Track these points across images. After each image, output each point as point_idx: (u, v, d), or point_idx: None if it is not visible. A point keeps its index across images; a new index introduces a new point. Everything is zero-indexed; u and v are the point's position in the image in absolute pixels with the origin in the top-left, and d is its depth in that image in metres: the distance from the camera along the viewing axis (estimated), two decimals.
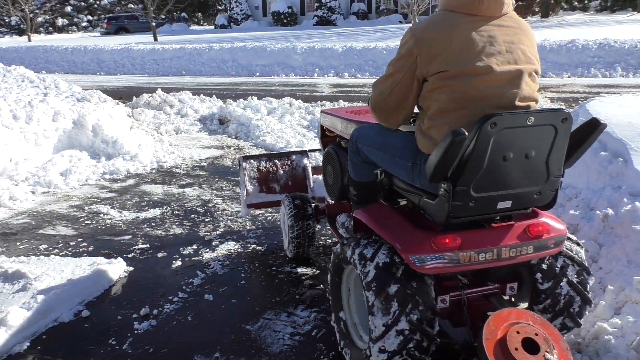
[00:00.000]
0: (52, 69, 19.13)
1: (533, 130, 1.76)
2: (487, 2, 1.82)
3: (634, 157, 3.40)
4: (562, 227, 2.06)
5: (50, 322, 2.63)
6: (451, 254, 1.88)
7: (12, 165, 5.11)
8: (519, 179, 1.86)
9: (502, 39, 1.83)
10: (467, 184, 1.79)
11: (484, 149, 1.72)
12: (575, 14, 38.31)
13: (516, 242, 1.96)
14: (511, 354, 1.76)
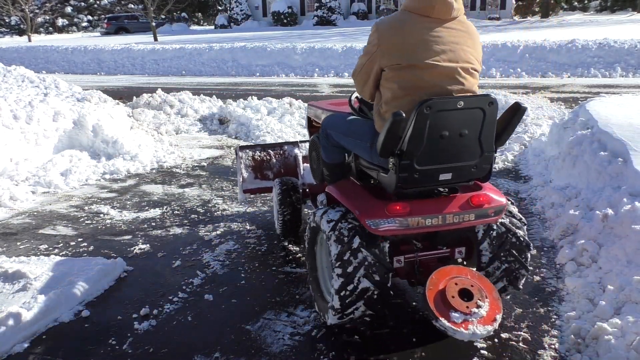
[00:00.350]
0: (52, 69, 19.13)
1: (464, 113, 2.11)
2: (439, 6, 2.13)
3: (634, 157, 3.40)
4: (502, 200, 2.39)
5: (50, 322, 2.63)
6: (401, 219, 2.22)
7: (12, 165, 5.11)
8: (456, 154, 2.19)
9: (448, 39, 2.16)
10: (411, 159, 2.13)
11: (422, 128, 2.07)
12: (575, 14, 38.31)
13: (459, 210, 2.30)
14: (448, 301, 2.13)
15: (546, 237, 3.50)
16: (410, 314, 2.64)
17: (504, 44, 14.32)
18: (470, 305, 2.15)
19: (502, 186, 4.63)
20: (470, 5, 32.80)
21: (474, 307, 2.14)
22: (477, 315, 2.12)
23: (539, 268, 3.08)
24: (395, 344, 2.40)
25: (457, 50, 2.17)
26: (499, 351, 2.32)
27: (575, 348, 2.27)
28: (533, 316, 2.58)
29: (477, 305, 2.14)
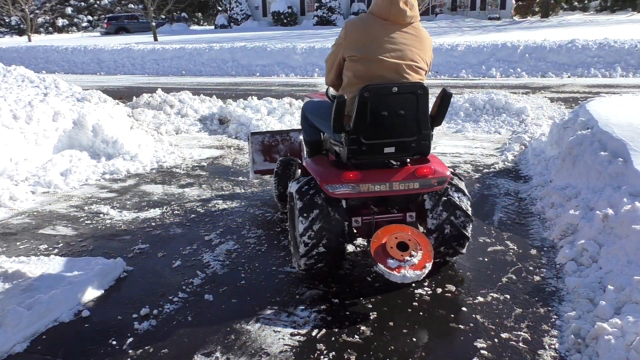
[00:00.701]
0: (52, 69, 19.13)
1: (399, 97, 2.62)
2: (394, 12, 2.64)
3: (634, 157, 3.40)
4: (446, 172, 2.85)
5: (50, 322, 2.63)
6: (354, 185, 2.72)
7: (12, 165, 5.11)
8: (396, 131, 2.70)
9: (399, 40, 2.66)
10: (358, 134, 2.66)
11: (364, 109, 2.60)
12: (575, 14, 38.32)
13: (405, 179, 2.77)
14: (387, 250, 2.63)
15: (546, 237, 3.50)
16: (410, 313, 2.65)
17: (504, 44, 14.32)
18: (404, 254, 2.63)
19: (502, 186, 4.63)
20: (470, 5, 32.79)
21: (408, 256, 2.62)
22: (409, 262, 2.60)
23: (539, 268, 3.08)
24: (395, 343, 2.40)
25: (405, 50, 2.67)
26: (499, 351, 2.32)
27: (575, 348, 2.27)
28: (533, 316, 2.58)
29: (410, 255, 2.63)
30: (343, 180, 2.71)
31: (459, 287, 2.89)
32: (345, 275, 3.07)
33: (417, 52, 2.70)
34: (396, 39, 2.65)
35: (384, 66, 2.63)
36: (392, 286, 2.91)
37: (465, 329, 2.50)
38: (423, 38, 2.73)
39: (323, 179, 2.77)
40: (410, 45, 2.68)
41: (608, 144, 3.75)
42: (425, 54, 2.73)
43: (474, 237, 3.54)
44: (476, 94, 8.16)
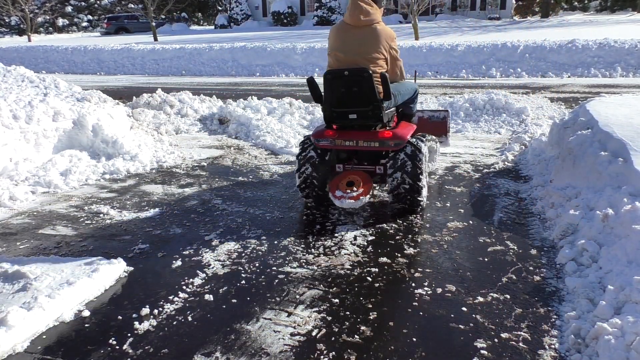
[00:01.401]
0: (52, 69, 19.14)
1: (350, 78, 3.57)
2: (350, 18, 3.72)
3: (634, 157, 3.40)
4: (404, 137, 3.75)
5: (50, 322, 2.63)
6: (331, 139, 3.83)
7: (12, 165, 5.11)
8: (354, 102, 3.66)
9: (351, 39, 3.70)
10: (328, 104, 3.74)
11: (328, 87, 3.67)
12: (575, 14, 38.35)
13: (368, 138, 3.77)
14: (338, 185, 3.76)
15: (546, 237, 3.50)
16: (410, 313, 2.65)
17: (504, 44, 14.32)
18: (349, 189, 3.72)
19: (502, 186, 4.63)
20: (470, 5, 32.80)
21: (349, 190, 3.70)
22: (349, 194, 3.67)
23: (539, 268, 3.08)
24: (395, 344, 2.40)
25: (355, 46, 3.69)
26: (499, 351, 2.32)
27: (575, 348, 2.27)
28: (533, 316, 2.58)
29: (352, 190, 3.70)
30: (325, 136, 3.86)
31: (459, 287, 2.89)
32: (345, 275, 3.07)
33: (364, 48, 3.68)
34: (349, 37, 3.72)
35: (341, 57, 3.73)
36: (392, 286, 2.92)
37: (465, 329, 2.50)
38: (371, 37, 3.69)
39: (313, 134, 3.95)
40: (360, 43, 3.69)
41: (608, 144, 3.75)
42: (375, 49, 3.69)
43: (474, 237, 3.54)
44: (476, 94, 8.16)
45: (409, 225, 3.80)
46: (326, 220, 3.94)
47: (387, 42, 3.73)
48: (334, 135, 3.83)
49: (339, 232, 3.69)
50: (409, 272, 3.08)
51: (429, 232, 3.67)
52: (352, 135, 3.81)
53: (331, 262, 3.24)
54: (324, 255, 3.35)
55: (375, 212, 4.08)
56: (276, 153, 6.14)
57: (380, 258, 3.27)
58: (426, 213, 4.04)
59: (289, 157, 5.91)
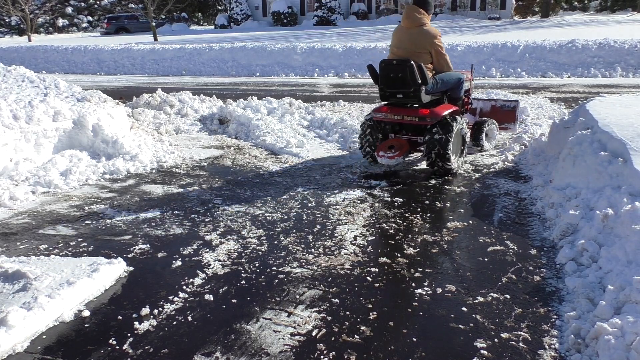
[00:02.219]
0: (52, 69, 19.14)
1: (398, 66, 4.65)
2: (403, 21, 4.86)
3: (634, 157, 3.40)
4: (438, 115, 4.74)
5: (50, 322, 2.63)
6: (384, 113, 4.97)
7: (12, 165, 5.11)
8: (400, 85, 4.73)
9: (403, 37, 4.84)
10: (382, 86, 4.88)
11: (382, 72, 4.81)
12: (575, 14, 38.34)
13: (410, 114, 4.83)
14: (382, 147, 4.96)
15: (546, 237, 3.50)
16: (410, 313, 2.65)
17: (504, 44, 14.32)
18: (389, 151, 4.88)
19: (502, 186, 4.63)
20: (470, 5, 32.79)
21: (389, 152, 4.87)
22: (388, 154, 4.85)
23: (539, 268, 3.08)
24: (395, 344, 2.40)
25: (407, 43, 4.84)
26: (499, 351, 2.32)
27: (575, 348, 2.27)
28: (533, 316, 2.58)
29: (391, 152, 4.87)
30: (380, 111, 5.04)
31: (459, 287, 2.89)
32: (345, 275, 3.07)
33: (413, 45, 4.80)
34: (403, 36, 4.89)
35: (397, 51, 4.91)
36: (392, 286, 2.92)
37: (465, 329, 2.50)
38: (421, 36, 4.79)
39: (373, 110, 5.16)
40: (412, 40, 4.82)
41: (608, 144, 3.75)
42: (421, 46, 4.79)
43: (474, 237, 3.54)
44: (476, 93, 8.15)
45: (409, 225, 3.80)
46: (326, 220, 3.94)
47: (431, 41, 4.77)
48: (387, 110, 4.97)
49: (339, 232, 3.69)
50: (409, 272, 3.08)
51: (429, 232, 3.67)
52: (400, 111, 4.90)
53: (331, 262, 3.24)
54: (324, 255, 3.35)
55: (375, 212, 4.08)
56: (276, 153, 6.14)
57: (380, 258, 3.27)
58: (426, 213, 4.04)
59: (289, 157, 5.91)
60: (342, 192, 4.57)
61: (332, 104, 9.23)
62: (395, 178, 4.98)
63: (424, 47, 4.76)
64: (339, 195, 4.50)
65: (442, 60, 4.89)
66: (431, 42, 4.76)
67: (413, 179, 4.94)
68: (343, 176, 5.08)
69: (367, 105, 9.11)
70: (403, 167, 5.35)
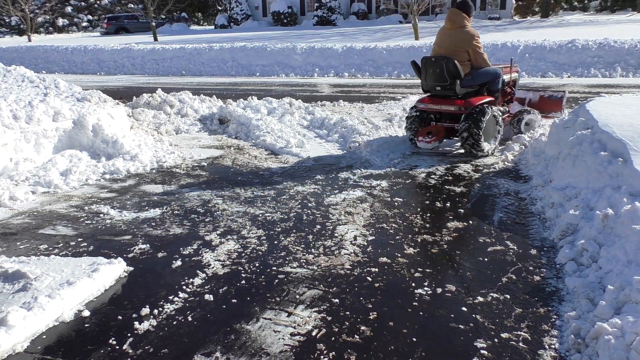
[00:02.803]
0: (52, 69, 19.14)
1: (436, 63, 5.37)
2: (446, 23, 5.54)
3: (634, 157, 3.40)
4: (471, 104, 5.37)
5: (50, 322, 2.63)
6: (425, 103, 5.70)
7: (12, 165, 5.11)
8: (438, 79, 5.41)
9: (444, 37, 5.53)
10: (423, 79, 5.64)
11: (423, 67, 5.58)
12: (575, 14, 38.34)
13: (448, 104, 5.50)
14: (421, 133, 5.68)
15: (546, 237, 3.50)
16: (410, 313, 2.65)
17: (504, 44, 14.32)
18: (427, 136, 5.56)
19: (502, 186, 4.63)
20: None
21: (427, 137, 5.55)
22: (426, 139, 5.53)
23: (539, 268, 3.08)
24: (395, 343, 2.40)
25: (447, 43, 5.48)
26: (499, 351, 2.32)
27: (575, 348, 2.27)
28: (533, 316, 2.58)
29: (429, 137, 5.55)
30: (423, 101, 5.72)
31: (459, 287, 2.89)
32: (345, 275, 3.07)
33: (453, 45, 5.44)
34: (444, 36, 5.54)
35: (438, 49, 5.56)
36: (392, 286, 2.92)
37: (465, 329, 2.50)
38: (460, 37, 5.42)
39: (417, 101, 5.84)
40: (452, 40, 5.45)
41: (608, 144, 3.75)
42: (458, 46, 5.42)
43: (474, 237, 3.54)
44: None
45: (409, 225, 3.80)
46: (326, 220, 3.94)
47: (469, 41, 5.38)
48: (428, 101, 5.65)
49: (339, 232, 3.70)
50: (409, 272, 3.08)
51: (429, 232, 3.67)
52: (439, 101, 5.57)
53: (331, 262, 3.24)
54: (324, 255, 3.35)
55: (375, 212, 4.08)
56: (276, 153, 6.14)
57: (380, 258, 3.27)
58: (426, 213, 4.04)
59: (289, 157, 5.91)
60: (342, 192, 4.58)
61: (332, 104, 9.23)
62: (395, 178, 4.98)
63: (462, 46, 5.38)
64: (339, 195, 4.50)
65: (479, 58, 5.49)
66: (469, 43, 5.38)
67: (413, 179, 4.94)
68: (343, 176, 5.08)
69: (367, 105, 9.11)
70: (403, 167, 5.35)
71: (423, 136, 5.55)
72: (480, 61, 5.51)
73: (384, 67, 15.05)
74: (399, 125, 7.01)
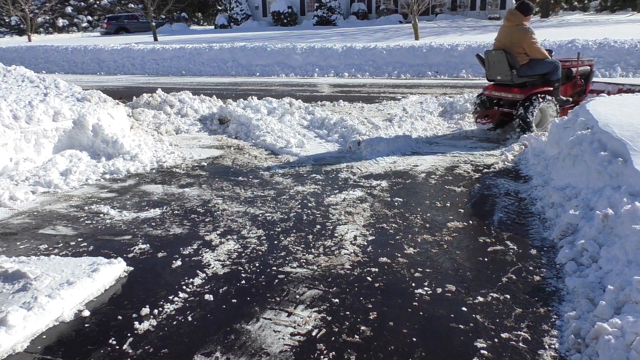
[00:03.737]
0: (52, 69, 19.14)
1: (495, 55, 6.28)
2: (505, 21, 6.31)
3: (634, 157, 3.40)
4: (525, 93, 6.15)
5: (50, 322, 2.63)
6: (489, 91, 6.66)
7: (12, 165, 5.11)
8: (500, 70, 6.29)
9: (503, 33, 6.30)
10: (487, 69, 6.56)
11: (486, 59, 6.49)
12: (575, 14, 38.33)
13: (506, 92, 6.42)
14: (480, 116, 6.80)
15: (546, 237, 3.50)
16: (410, 313, 2.65)
17: None
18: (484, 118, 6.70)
19: (502, 186, 4.63)
20: (470, 5, 32.79)
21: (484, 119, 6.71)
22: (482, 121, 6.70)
23: (539, 268, 3.08)
24: (395, 343, 2.40)
25: (504, 38, 6.22)
26: (499, 351, 2.32)
27: (575, 348, 2.27)
28: (533, 316, 2.58)
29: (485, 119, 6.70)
30: (487, 89, 6.63)
31: (459, 287, 2.89)
32: (345, 275, 3.07)
33: (508, 38, 6.14)
34: (503, 31, 6.24)
35: (497, 44, 6.30)
36: (392, 286, 2.93)
37: (465, 329, 2.50)
38: (515, 31, 6.08)
39: (483, 89, 6.75)
40: (509, 34, 6.13)
41: (608, 144, 3.75)
42: (516, 40, 6.06)
43: (474, 237, 3.54)
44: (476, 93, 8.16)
45: (409, 225, 3.80)
46: (326, 220, 3.94)
47: (523, 37, 6.02)
48: (491, 89, 6.56)
49: (339, 232, 3.70)
50: (409, 272, 3.09)
51: (429, 232, 3.67)
52: (499, 89, 6.45)
53: (331, 262, 3.24)
54: (324, 255, 3.35)
55: (375, 212, 4.08)
56: (276, 153, 6.14)
57: (380, 258, 3.27)
58: (426, 213, 4.04)
59: (289, 157, 5.91)
60: (342, 192, 4.58)
61: (332, 104, 9.23)
62: (395, 178, 4.98)
63: (517, 42, 6.06)
64: (339, 195, 4.50)
65: (534, 51, 6.08)
66: (523, 38, 6.03)
67: (413, 179, 4.94)
68: (343, 176, 5.08)
69: (367, 105, 9.11)
70: (403, 167, 5.35)
71: (481, 119, 6.61)
72: (535, 54, 6.09)
73: (384, 67, 15.06)
74: (399, 125, 7.02)
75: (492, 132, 6.82)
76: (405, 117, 7.65)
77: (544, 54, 6.13)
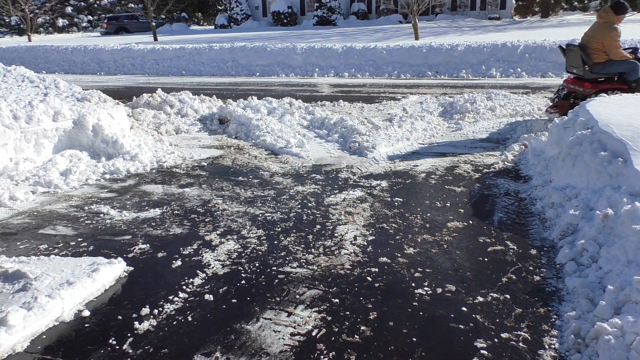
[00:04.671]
0: (52, 69, 19.13)
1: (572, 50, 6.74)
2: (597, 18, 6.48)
3: (634, 157, 3.40)
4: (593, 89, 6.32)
5: (50, 322, 2.63)
6: (567, 83, 6.90)
7: (12, 165, 5.11)
8: (574, 63, 6.70)
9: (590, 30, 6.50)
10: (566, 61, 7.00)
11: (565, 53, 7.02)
12: (575, 14, 38.31)
13: (579, 85, 6.59)
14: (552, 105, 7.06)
15: (546, 237, 3.50)
16: (410, 313, 2.65)
17: (504, 44, 14.31)
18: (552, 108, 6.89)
19: (502, 186, 4.63)
20: (470, 5, 32.79)
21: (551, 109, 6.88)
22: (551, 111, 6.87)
23: (539, 268, 3.08)
24: (395, 343, 2.40)
25: (590, 33, 6.42)
26: (499, 351, 2.32)
27: (575, 348, 2.27)
28: (533, 316, 2.58)
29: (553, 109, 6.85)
30: (566, 82, 6.89)
31: (459, 287, 2.89)
32: (345, 275, 3.07)
33: (593, 36, 6.30)
34: (592, 29, 6.41)
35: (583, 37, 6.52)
36: (392, 286, 2.93)
37: (465, 329, 2.50)
38: (599, 29, 6.25)
39: (564, 80, 7.00)
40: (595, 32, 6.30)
41: (608, 144, 3.75)
42: (599, 38, 6.20)
43: (474, 237, 3.54)
44: (476, 94, 8.16)
45: (409, 225, 3.80)
46: (326, 220, 3.94)
47: (605, 35, 6.16)
48: (569, 81, 6.84)
49: (339, 232, 3.70)
50: (409, 272, 3.09)
51: (429, 232, 3.67)
52: (574, 82, 6.69)
53: (331, 262, 3.24)
54: (324, 255, 3.35)
55: (375, 212, 4.08)
56: (276, 153, 6.14)
57: (380, 258, 3.27)
58: (426, 213, 4.04)
59: (289, 157, 5.91)
60: (342, 192, 4.58)
61: (332, 104, 9.23)
62: (395, 178, 4.98)
63: (599, 39, 6.21)
64: (339, 195, 4.50)
65: (612, 51, 6.23)
66: (606, 35, 6.16)
67: (413, 179, 4.94)
68: (343, 176, 5.08)
69: (367, 105, 9.11)
70: (403, 167, 5.35)
71: (550, 109, 6.94)
72: (614, 54, 6.27)
73: (383, 67, 15.05)
74: (399, 125, 7.01)
75: (492, 132, 6.82)
76: (405, 117, 7.64)
77: (622, 56, 6.27)
